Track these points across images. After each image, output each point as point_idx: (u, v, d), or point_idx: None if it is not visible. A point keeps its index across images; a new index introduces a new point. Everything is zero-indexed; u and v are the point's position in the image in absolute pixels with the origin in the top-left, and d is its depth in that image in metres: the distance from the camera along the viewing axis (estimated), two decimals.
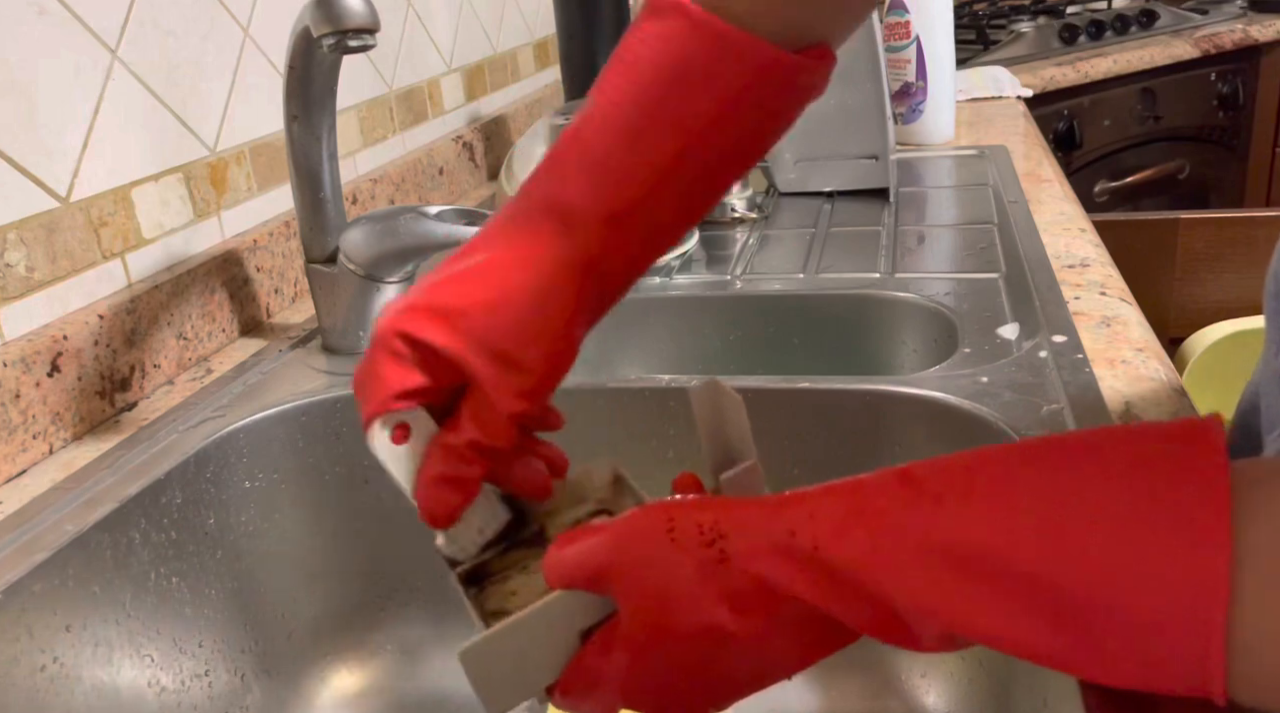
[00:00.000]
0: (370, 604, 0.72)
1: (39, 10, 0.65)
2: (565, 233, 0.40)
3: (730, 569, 0.34)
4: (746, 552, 0.34)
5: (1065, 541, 0.30)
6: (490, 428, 0.40)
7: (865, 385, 0.63)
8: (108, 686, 0.55)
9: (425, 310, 0.39)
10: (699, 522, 0.35)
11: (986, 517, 0.31)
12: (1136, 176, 1.93)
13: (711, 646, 0.35)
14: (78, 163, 0.68)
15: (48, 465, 0.62)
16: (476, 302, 0.39)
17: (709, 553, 0.34)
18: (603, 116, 0.41)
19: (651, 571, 0.35)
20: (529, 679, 0.38)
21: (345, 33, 0.62)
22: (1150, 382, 0.60)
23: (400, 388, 0.40)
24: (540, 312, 0.39)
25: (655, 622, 0.35)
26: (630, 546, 0.35)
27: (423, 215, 0.71)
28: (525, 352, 0.39)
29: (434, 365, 0.40)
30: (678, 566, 0.34)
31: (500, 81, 1.40)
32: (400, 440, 0.40)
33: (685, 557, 0.34)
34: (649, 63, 0.40)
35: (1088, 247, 0.85)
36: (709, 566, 0.34)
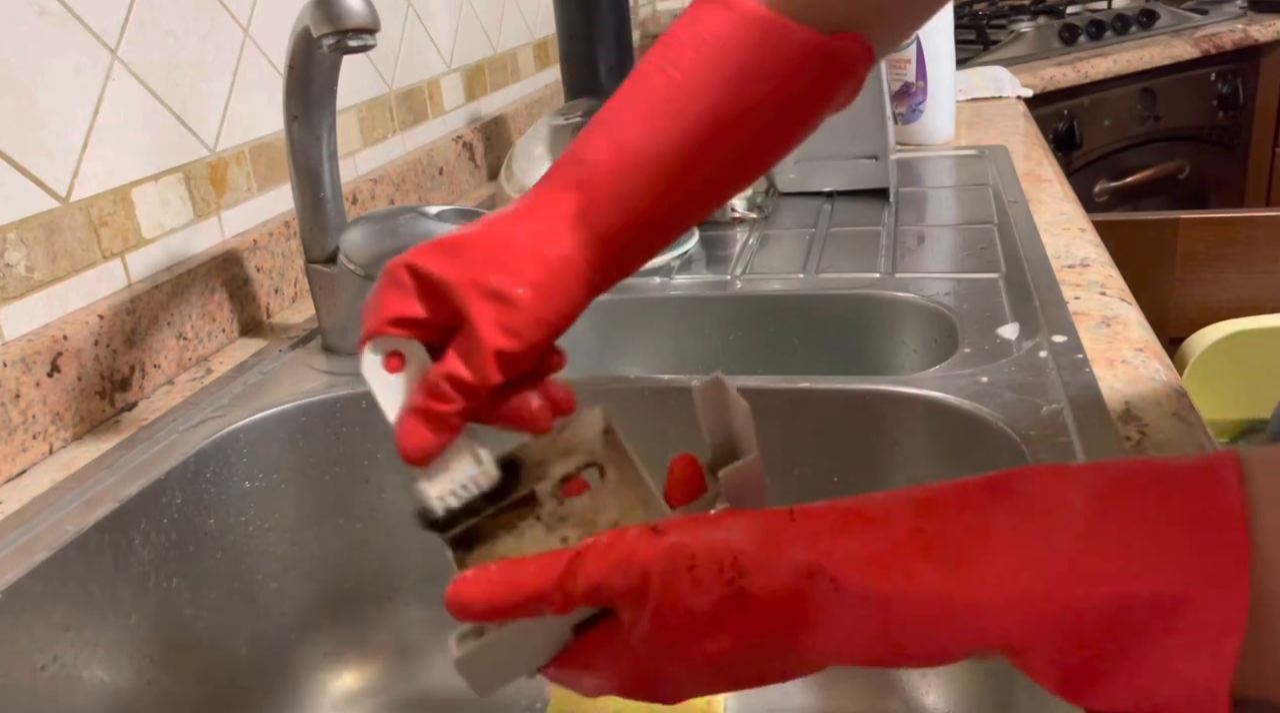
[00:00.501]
0: (370, 604, 0.72)
1: (39, 10, 0.65)
2: (575, 186, 0.41)
3: (747, 608, 0.33)
4: (766, 592, 0.33)
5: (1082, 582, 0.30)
6: (473, 361, 0.39)
7: (865, 385, 0.63)
8: (107, 686, 0.55)
9: (432, 247, 0.40)
10: (720, 559, 0.34)
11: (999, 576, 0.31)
12: (1136, 176, 1.93)
13: (715, 668, 0.35)
14: (78, 163, 0.68)
15: (47, 466, 0.62)
16: (479, 240, 0.40)
17: (728, 591, 0.34)
18: (631, 85, 0.42)
19: (667, 603, 0.34)
20: (521, 668, 0.38)
21: (345, 33, 0.62)
22: (1150, 382, 0.60)
23: (396, 313, 0.40)
24: (536, 253, 0.40)
25: (663, 646, 0.35)
26: (649, 577, 0.34)
27: (423, 215, 0.72)
28: (516, 288, 0.39)
29: (432, 296, 0.40)
30: (696, 602, 0.34)
31: (500, 81, 1.40)
32: (394, 369, 0.40)
33: (704, 595, 0.34)
34: (679, 38, 0.42)
35: (1088, 247, 0.85)
36: (728, 603, 0.34)
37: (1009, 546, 0.31)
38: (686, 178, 0.42)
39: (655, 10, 2.31)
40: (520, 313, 0.39)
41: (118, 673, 0.56)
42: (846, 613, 0.32)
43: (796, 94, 0.43)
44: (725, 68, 0.41)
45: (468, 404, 0.39)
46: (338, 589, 0.71)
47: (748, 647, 0.34)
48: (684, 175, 0.42)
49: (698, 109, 0.41)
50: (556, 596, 0.35)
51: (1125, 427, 0.55)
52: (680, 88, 0.42)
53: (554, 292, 0.40)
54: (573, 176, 0.41)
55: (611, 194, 0.41)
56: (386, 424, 0.41)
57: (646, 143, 0.41)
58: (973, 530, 0.32)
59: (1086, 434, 0.54)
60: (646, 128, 0.41)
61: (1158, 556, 0.29)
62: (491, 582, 0.36)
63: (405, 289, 0.40)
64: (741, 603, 0.33)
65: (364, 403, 0.69)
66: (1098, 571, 0.29)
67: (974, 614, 0.31)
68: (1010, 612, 0.30)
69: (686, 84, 0.41)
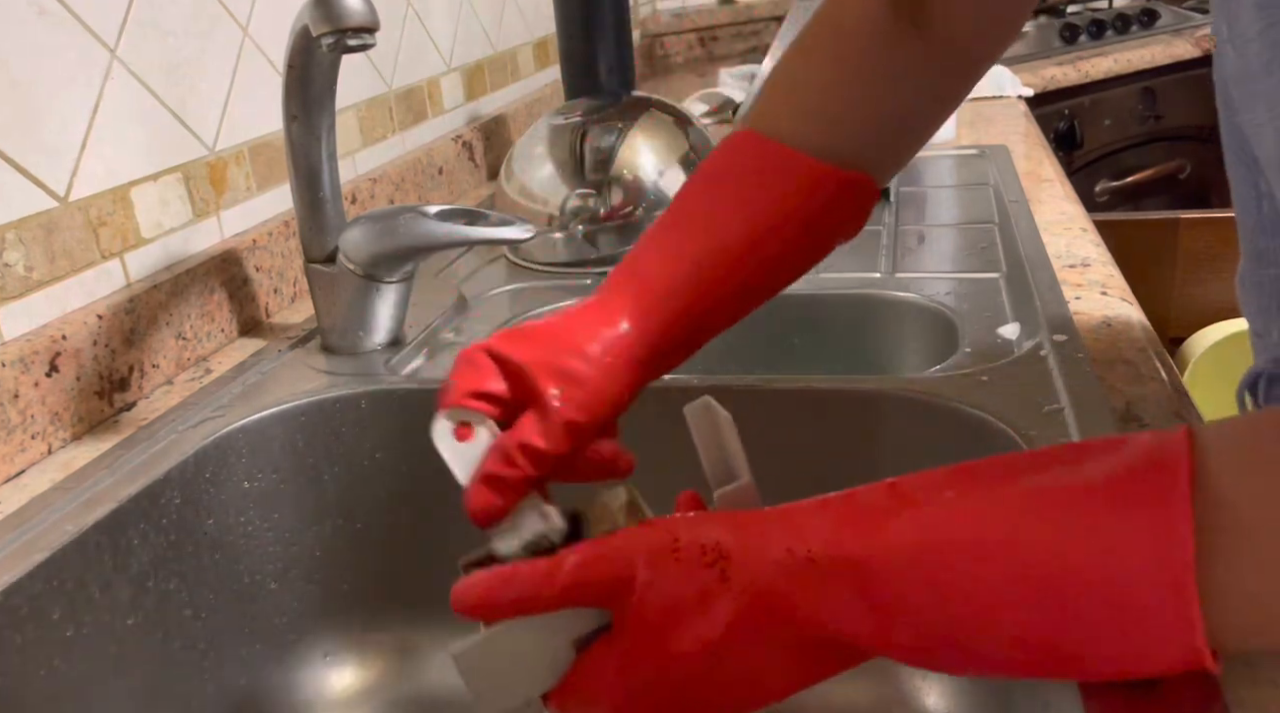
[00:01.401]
0: (370, 604, 0.72)
1: (39, 10, 0.65)
2: (629, 290, 0.47)
3: (730, 589, 0.35)
4: (747, 573, 0.35)
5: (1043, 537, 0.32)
6: (546, 431, 0.43)
7: (865, 385, 0.63)
8: (107, 686, 0.55)
9: (505, 335, 0.45)
10: (703, 542, 0.36)
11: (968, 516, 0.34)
12: (1137, 176, 1.93)
13: (708, 665, 0.36)
14: (77, 162, 0.68)
15: (47, 466, 0.62)
16: (547, 330, 0.45)
17: (711, 574, 0.35)
18: (677, 207, 0.50)
19: (653, 590, 0.36)
20: (521, 686, 0.38)
21: (344, 32, 0.62)
22: (1150, 382, 0.60)
23: (473, 387, 0.44)
24: (599, 339, 0.45)
25: (653, 640, 0.36)
26: (634, 562, 0.36)
27: (422, 215, 0.71)
28: (584, 370, 0.44)
29: (507, 375, 0.44)
30: (680, 585, 0.36)
31: (500, 81, 1.40)
32: (463, 438, 0.43)
33: (687, 577, 0.36)
34: (708, 171, 0.51)
35: (1088, 246, 0.85)
36: (711, 585, 0.35)
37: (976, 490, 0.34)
38: (721, 286, 0.48)
39: (655, 10, 2.31)
40: (586, 390, 0.44)
41: (117, 674, 0.56)
42: (826, 582, 0.34)
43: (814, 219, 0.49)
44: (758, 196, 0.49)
45: (536, 472, 0.42)
46: (338, 589, 0.71)
47: (738, 634, 0.35)
48: (719, 285, 0.48)
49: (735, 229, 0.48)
50: (545, 586, 0.37)
51: (1126, 427, 0.55)
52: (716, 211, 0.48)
53: (615, 373, 0.45)
54: (627, 283, 0.47)
55: (659, 296, 0.47)
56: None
57: (688, 255, 0.48)
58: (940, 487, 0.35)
59: (1087, 434, 0.54)
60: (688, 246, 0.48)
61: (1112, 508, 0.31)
62: (489, 578, 0.38)
63: (482, 369, 0.44)
64: (725, 584, 0.35)
65: (363, 403, 0.69)
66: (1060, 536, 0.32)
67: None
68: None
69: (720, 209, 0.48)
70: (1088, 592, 0.31)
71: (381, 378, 0.71)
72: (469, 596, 0.38)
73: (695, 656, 0.36)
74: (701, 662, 0.36)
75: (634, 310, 0.46)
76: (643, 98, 1.00)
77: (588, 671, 0.38)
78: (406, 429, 0.69)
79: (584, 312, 0.47)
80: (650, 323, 0.46)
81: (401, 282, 0.76)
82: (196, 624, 0.62)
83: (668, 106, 0.99)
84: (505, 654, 0.38)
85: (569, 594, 0.37)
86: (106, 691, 0.55)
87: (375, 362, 0.74)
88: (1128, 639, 0.31)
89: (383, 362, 0.74)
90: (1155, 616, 0.30)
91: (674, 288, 0.47)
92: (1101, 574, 0.31)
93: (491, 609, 0.38)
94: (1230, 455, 0.31)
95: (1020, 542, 0.32)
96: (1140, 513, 0.30)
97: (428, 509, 0.70)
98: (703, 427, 0.42)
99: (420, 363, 0.77)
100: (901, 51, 0.51)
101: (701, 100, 1.64)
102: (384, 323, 0.76)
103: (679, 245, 0.48)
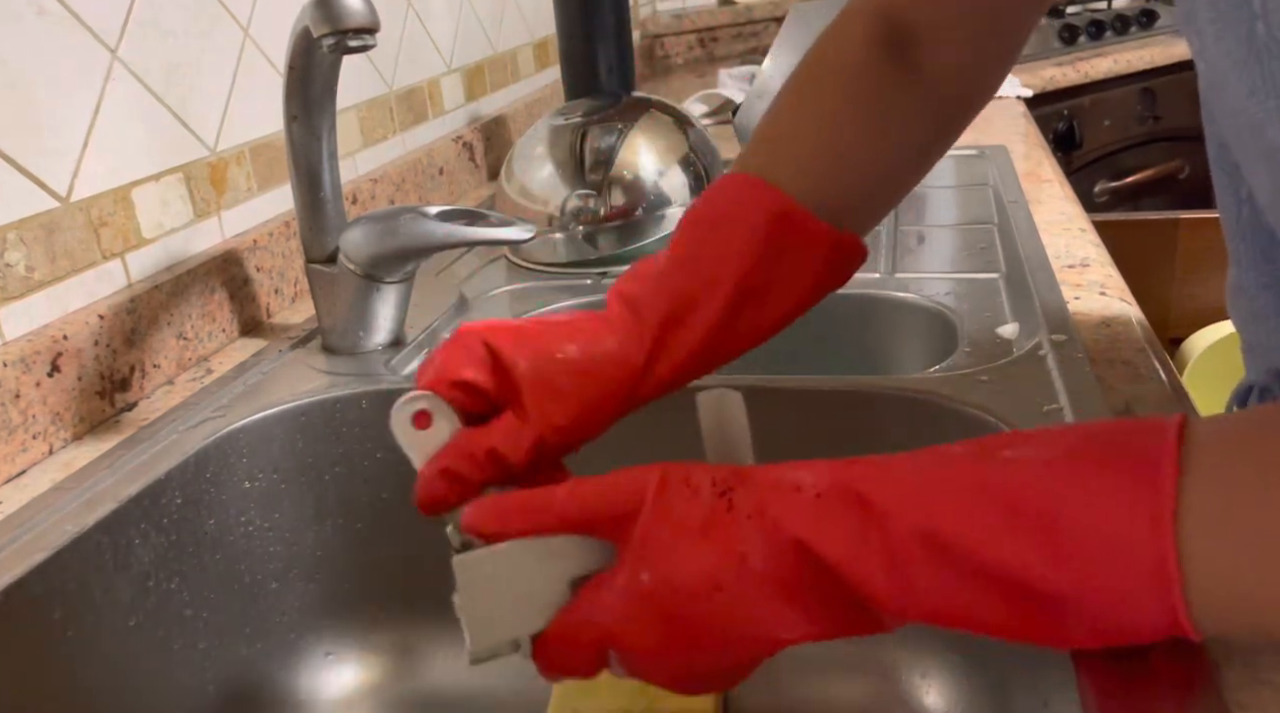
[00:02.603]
0: (370, 604, 0.72)
1: (39, 10, 0.65)
2: (635, 325, 0.46)
3: (736, 517, 0.36)
4: (753, 500, 0.36)
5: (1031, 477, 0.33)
6: (513, 441, 0.42)
7: (865, 385, 0.63)
8: (107, 687, 0.55)
9: (507, 328, 0.44)
10: (714, 476, 0.37)
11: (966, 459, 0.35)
12: (1136, 176, 1.93)
13: (708, 597, 0.36)
14: (77, 163, 0.68)
15: (47, 466, 0.62)
16: (550, 337, 0.44)
17: (719, 502, 0.36)
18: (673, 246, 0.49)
19: (660, 511, 0.36)
20: (513, 617, 0.38)
21: (345, 33, 0.62)
22: (1150, 382, 0.60)
23: (456, 375, 0.43)
24: (595, 366, 0.44)
25: (657, 567, 0.36)
26: (646, 486, 0.37)
27: (423, 215, 0.71)
28: (572, 391, 0.43)
29: (492, 370, 0.43)
30: (687, 509, 0.36)
31: (500, 81, 1.40)
32: (421, 426, 0.43)
33: (696, 504, 0.36)
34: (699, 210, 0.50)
35: (1088, 246, 0.85)
36: (718, 514, 0.36)
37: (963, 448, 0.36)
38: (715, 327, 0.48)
39: (655, 10, 2.31)
40: (569, 412, 0.43)
41: (117, 674, 0.56)
42: (833, 514, 0.35)
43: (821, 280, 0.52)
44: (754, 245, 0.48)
45: (495, 479, 0.42)
46: (338, 589, 0.71)
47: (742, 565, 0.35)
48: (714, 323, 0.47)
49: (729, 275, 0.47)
50: (559, 503, 0.38)
51: None
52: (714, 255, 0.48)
53: (596, 405, 0.44)
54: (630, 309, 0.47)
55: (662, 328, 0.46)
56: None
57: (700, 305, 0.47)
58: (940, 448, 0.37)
59: None
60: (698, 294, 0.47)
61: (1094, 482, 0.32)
62: (503, 498, 0.39)
63: (471, 354, 0.43)
64: (730, 512, 0.36)
65: (364, 403, 0.69)
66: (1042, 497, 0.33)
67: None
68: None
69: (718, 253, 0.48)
70: (1076, 531, 0.32)
71: (382, 378, 0.71)
72: (483, 508, 0.39)
73: (696, 583, 0.35)
74: (702, 593, 0.35)
75: (635, 338, 0.46)
76: (643, 98, 1.00)
77: (582, 601, 0.38)
78: None
79: (587, 326, 0.46)
80: (655, 361, 0.46)
81: (402, 282, 0.76)
82: (197, 624, 0.62)
83: (668, 107, 0.99)
84: (505, 576, 0.38)
85: (583, 513, 0.37)
86: (107, 691, 0.55)
87: (376, 362, 0.74)
88: (1110, 588, 0.31)
89: (383, 362, 0.74)
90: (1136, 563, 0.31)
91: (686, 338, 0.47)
92: (1089, 516, 0.32)
93: (503, 519, 0.39)
94: (1219, 439, 0.32)
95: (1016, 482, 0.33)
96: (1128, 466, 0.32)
97: None
98: (713, 416, 0.42)
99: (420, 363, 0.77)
100: (892, 96, 0.53)
101: (701, 101, 1.64)
102: (384, 323, 0.76)
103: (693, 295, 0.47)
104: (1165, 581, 0.30)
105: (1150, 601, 0.31)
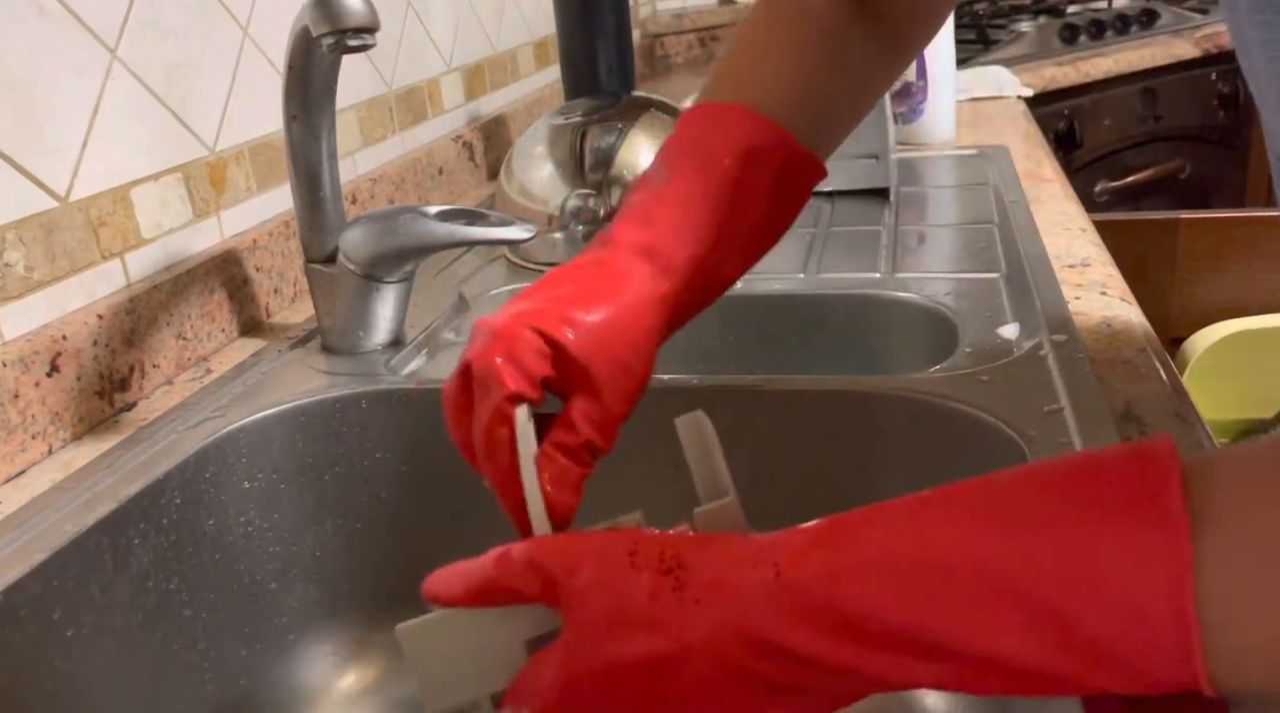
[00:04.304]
0: (370, 604, 0.72)
1: (39, 10, 0.65)
2: (658, 272, 0.46)
3: (684, 599, 0.33)
4: (704, 581, 0.33)
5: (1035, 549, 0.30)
6: (604, 428, 0.42)
7: (865, 386, 0.63)
8: (107, 687, 0.55)
9: (554, 315, 0.42)
10: (662, 551, 0.34)
11: (950, 529, 0.31)
12: (1137, 176, 1.92)
13: (654, 683, 0.33)
14: (77, 162, 0.68)
15: (47, 466, 0.62)
16: (598, 316, 0.43)
17: (665, 580, 0.33)
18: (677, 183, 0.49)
19: (603, 589, 0.33)
20: (468, 681, 0.37)
21: (345, 32, 0.62)
22: (1150, 382, 0.60)
23: (540, 375, 0.41)
24: (644, 329, 0.44)
25: (593, 644, 0.33)
26: (586, 560, 0.34)
27: (422, 215, 0.71)
28: (636, 360, 0.43)
29: (560, 363, 0.42)
30: (631, 588, 0.33)
31: (500, 81, 1.40)
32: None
33: (640, 581, 0.33)
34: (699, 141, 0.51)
35: (1088, 246, 0.85)
36: (664, 594, 0.33)
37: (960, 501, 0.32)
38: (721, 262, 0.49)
39: (655, 10, 2.31)
40: (636, 380, 0.43)
41: (116, 675, 0.56)
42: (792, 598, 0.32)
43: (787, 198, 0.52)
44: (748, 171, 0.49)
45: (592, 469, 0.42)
46: (338, 589, 0.71)
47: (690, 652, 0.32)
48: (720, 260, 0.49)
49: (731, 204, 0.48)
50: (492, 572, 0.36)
51: (1125, 427, 0.55)
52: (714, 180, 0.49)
53: (651, 361, 0.44)
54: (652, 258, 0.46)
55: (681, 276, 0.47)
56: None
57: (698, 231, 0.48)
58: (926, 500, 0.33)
59: (1087, 434, 0.54)
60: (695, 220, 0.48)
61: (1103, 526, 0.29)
62: (452, 568, 0.38)
63: (539, 352, 0.41)
64: (679, 595, 0.33)
65: (364, 403, 0.69)
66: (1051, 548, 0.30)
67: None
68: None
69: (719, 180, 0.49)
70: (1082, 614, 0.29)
71: (382, 378, 0.71)
72: (432, 580, 0.39)
73: (639, 669, 0.33)
74: (646, 678, 0.33)
75: (661, 290, 0.46)
76: (643, 98, 1.00)
77: (530, 671, 0.36)
78: (406, 429, 0.69)
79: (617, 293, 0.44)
80: (675, 305, 0.46)
81: (401, 282, 0.76)
82: (196, 624, 0.62)
83: (668, 107, 0.99)
84: (452, 641, 0.37)
85: (516, 582, 0.35)
86: (106, 691, 0.55)
87: (375, 362, 0.74)
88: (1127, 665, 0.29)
89: (383, 362, 0.74)
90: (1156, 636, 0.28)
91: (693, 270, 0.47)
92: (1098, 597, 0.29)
93: (445, 592, 0.37)
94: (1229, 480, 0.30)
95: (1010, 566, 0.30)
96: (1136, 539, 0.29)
97: (428, 509, 0.70)
98: (692, 440, 0.40)
99: (420, 363, 0.77)
100: (851, 34, 0.55)
101: None
102: (384, 323, 0.76)
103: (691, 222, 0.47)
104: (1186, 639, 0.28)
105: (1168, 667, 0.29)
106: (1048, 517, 0.30)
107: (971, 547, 0.31)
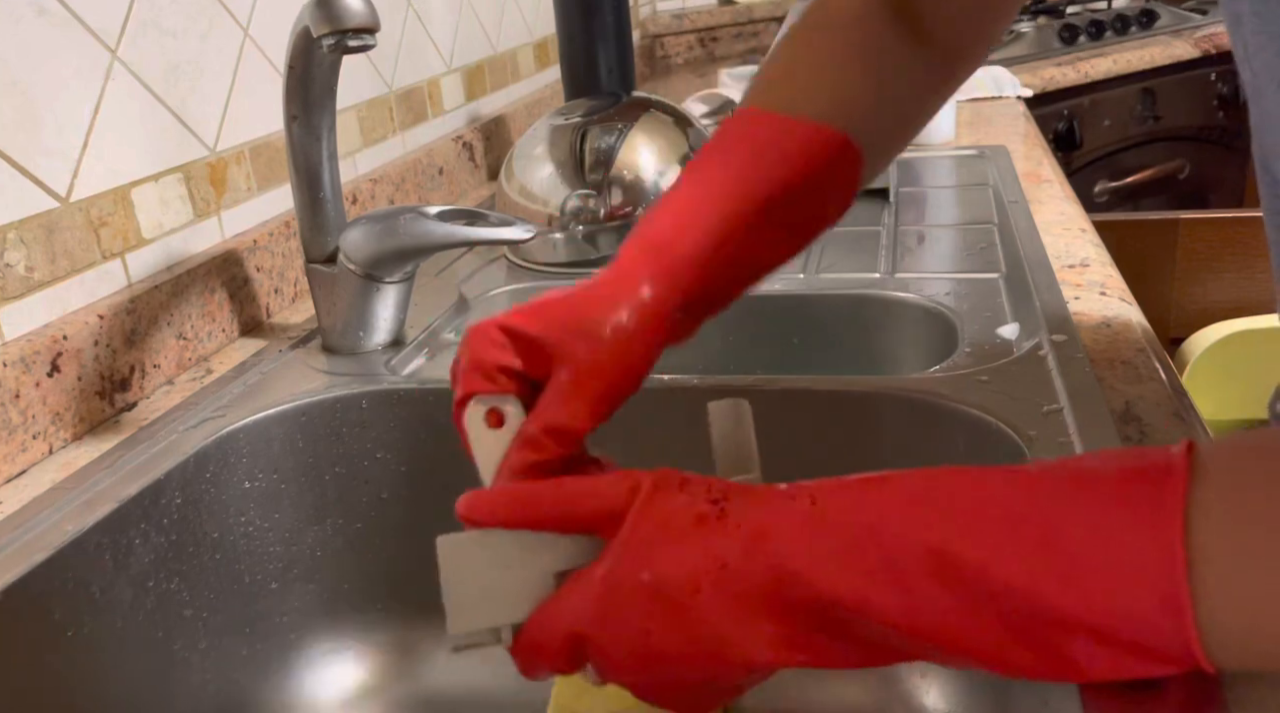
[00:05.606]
0: (370, 604, 0.72)
1: (39, 10, 0.65)
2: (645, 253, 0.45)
3: (727, 525, 0.35)
4: (747, 514, 0.35)
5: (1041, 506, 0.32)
6: (572, 406, 0.41)
7: (864, 385, 0.63)
8: (107, 687, 0.55)
9: (518, 310, 0.43)
10: (710, 484, 0.37)
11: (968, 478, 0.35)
12: (1136, 176, 1.93)
13: (687, 602, 0.34)
14: (77, 163, 0.68)
15: (47, 466, 0.62)
16: (567, 300, 0.42)
17: (711, 508, 0.36)
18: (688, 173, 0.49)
19: (649, 507, 0.36)
20: (495, 604, 0.38)
21: (345, 33, 0.62)
22: (1150, 382, 0.60)
23: (496, 363, 0.41)
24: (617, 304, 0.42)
25: (636, 562, 0.35)
26: (640, 488, 0.37)
27: (423, 215, 0.71)
28: (605, 340, 0.41)
29: (526, 351, 0.42)
30: (678, 513, 0.36)
31: (500, 81, 1.40)
32: (495, 425, 0.41)
33: (688, 507, 0.36)
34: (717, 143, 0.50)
35: (1088, 247, 0.85)
36: (709, 520, 0.35)
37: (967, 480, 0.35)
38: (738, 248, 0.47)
39: (655, 10, 2.31)
40: (607, 361, 0.41)
41: (116, 675, 0.56)
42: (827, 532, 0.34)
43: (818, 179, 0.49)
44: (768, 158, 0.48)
45: (565, 452, 0.41)
46: (338, 589, 0.71)
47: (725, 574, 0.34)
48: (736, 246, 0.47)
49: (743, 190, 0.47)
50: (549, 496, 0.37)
51: (1125, 427, 0.55)
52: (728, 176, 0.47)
53: (634, 341, 0.42)
54: (642, 251, 0.45)
55: (678, 260, 0.45)
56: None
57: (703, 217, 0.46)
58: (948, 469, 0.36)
59: (1086, 434, 0.54)
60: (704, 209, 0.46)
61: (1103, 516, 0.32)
62: (493, 490, 0.40)
63: (499, 345, 0.42)
64: (722, 520, 0.35)
65: (364, 403, 0.69)
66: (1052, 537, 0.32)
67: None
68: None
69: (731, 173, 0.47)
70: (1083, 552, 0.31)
71: (382, 378, 0.71)
72: (473, 497, 0.39)
73: (672, 584, 0.34)
74: (676, 594, 0.34)
75: (653, 277, 0.44)
76: (643, 98, 1.00)
77: (560, 595, 0.37)
78: (407, 429, 0.69)
79: (599, 283, 0.44)
80: (670, 289, 0.45)
81: (402, 282, 0.76)
82: (197, 624, 0.62)
83: (668, 107, 0.99)
84: (489, 561, 0.37)
85: (571, 507, 0.37)
86: (107, 691, 0.55)
87: (376, 362, 0.74)
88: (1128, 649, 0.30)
89: (383, 362, 0.74)
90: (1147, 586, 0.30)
91: (693, 253, 0.45)
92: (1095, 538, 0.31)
93: (492, 510, 0.38)
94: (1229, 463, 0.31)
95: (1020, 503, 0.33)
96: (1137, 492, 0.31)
97: (428, 509, 0.70)
98: (726, 424, 0.42)
99: (421, 363, 0.77)
100: (890, 48, 0.53)
101: (701, 101, 1.64)
102: (384, 323, 0.76)
103: (694, 210, 0.46)
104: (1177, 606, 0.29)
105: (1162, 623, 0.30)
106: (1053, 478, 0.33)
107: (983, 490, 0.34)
